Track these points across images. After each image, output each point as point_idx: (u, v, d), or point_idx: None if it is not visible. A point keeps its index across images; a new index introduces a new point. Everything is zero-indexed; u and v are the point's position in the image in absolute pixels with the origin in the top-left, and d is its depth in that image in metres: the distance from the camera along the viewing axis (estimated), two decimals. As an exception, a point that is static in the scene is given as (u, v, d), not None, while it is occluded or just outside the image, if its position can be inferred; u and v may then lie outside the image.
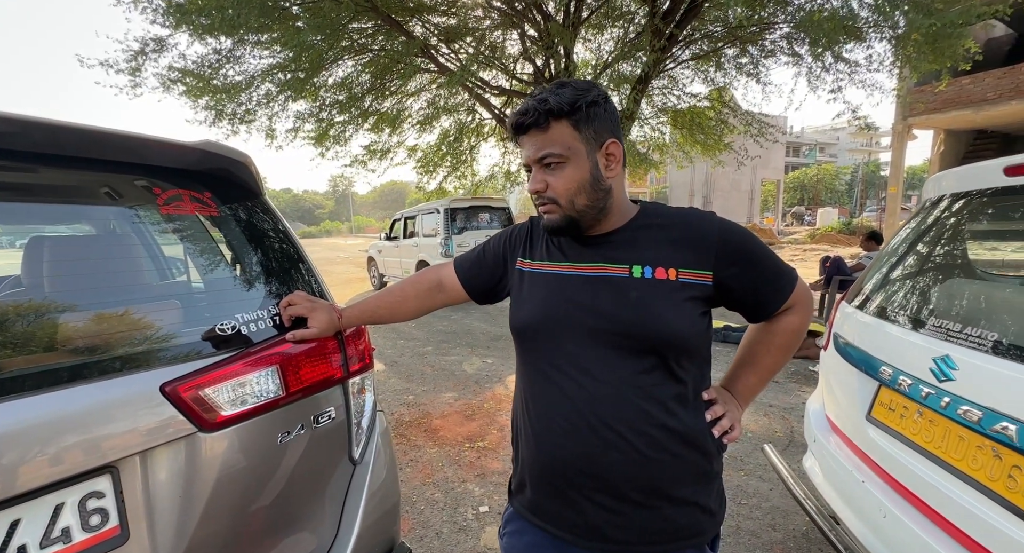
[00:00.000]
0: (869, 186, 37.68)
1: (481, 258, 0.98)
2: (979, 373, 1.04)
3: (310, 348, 1.01)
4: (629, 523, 0.75)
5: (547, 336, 0.80)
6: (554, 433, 0.77)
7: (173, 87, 6.93)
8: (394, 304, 1.04)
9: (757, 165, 9.17)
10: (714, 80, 8.05)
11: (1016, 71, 12.81)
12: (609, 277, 0.78)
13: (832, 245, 15.22)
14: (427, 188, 10.63)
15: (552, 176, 0.77)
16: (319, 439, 1.02)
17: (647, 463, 0.74)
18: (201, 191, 0.97)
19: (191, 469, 0.80)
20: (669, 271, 0.76)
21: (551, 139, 0.75)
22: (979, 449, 1.05)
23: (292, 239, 1.14)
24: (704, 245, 0.77)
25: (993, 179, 1.26)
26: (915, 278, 1.51)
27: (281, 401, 0.93)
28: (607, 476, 0.74)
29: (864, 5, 5.71)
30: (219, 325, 0.89)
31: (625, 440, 0.73)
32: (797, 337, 0.87)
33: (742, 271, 0.78)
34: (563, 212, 0.78)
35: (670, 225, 0.80)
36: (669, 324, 0.73)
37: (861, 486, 1.38)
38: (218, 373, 0.84)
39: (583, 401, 0.75)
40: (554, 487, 0.78)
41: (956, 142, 16.65)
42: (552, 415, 0.78)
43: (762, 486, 2.28)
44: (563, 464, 0.76)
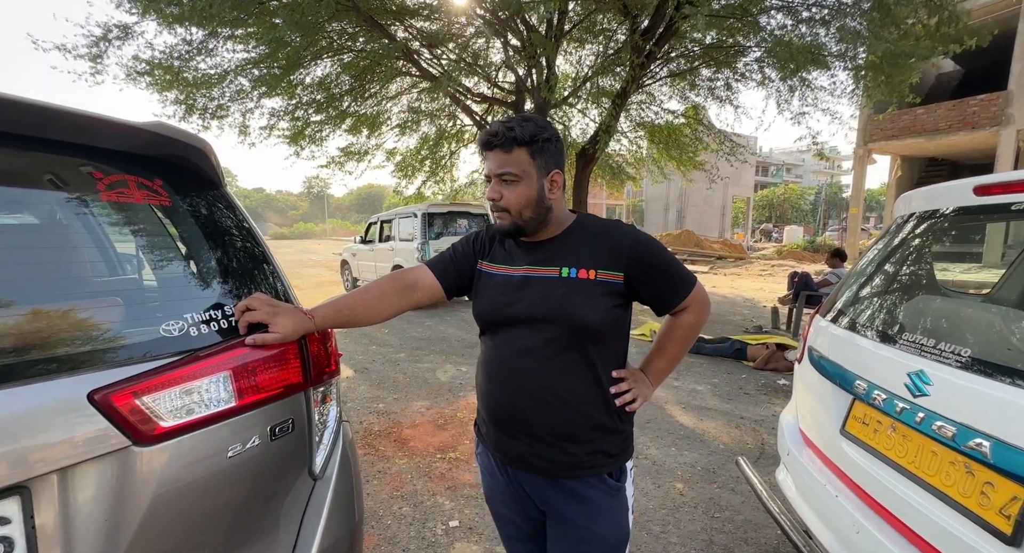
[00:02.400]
0: (831, 206, 39.46)
1: (454, 259, 1.12)
2: (954, 389, 1.04)
3: (268, 354, 0.92)
4: (545, 458, 0.98)
5: (496, 322, 1.02)
6: (497, 391, 1.01)
7: (140, 79, 6.63)
8: (371, 302, 1.04)
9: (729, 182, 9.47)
10: (689, 98, 8.28)
11: (963, 104, 13.74)
12: (543, 277, 0.98)
13: (798, 261, 15.79)
14: (405, 192, 10.50)
15: (507, 189, 0.96)
16: (276, 452, 0.93)
17: (557, 415, 0.97)
18: (151, 178, 0.89)
19: (122, 488, 0.70)
20: (590, 272, 0.96)
21: (511, 160, 0.95)
22: (952, 465, 1.05)
23: (255, 236, 1.06)
24: (618, 251, 0.97)
25: (963, 198, 1.29)
26: (888, 293, 1.53)
27: (233, 411, 0.84)
28: (529, 423, 0.98)
29: (830, 35, 6.00)
30: (164, 326, 0.80)
31: (543, 399, 0.96)
32: (692, 330, 1.09)
33: (647, 274, 0.98)
34: (512, 219, 0.98)
35: (595, 234, 1.01)
36: (585, 314, 0.94)
37: (835, 500, 1.38)
38: (159, 379, 0.75)
39: (517, 370, 0.98)
40: (496, 428, 1.03)
41: (911, 168, 17.67)
42: (496, 378, 1.01)
43: (734, 499, 2.28)
44: (502, 413, 1.01)
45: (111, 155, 0.84)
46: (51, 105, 0.74)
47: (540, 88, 6.72)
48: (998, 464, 0.92)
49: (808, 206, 40.79)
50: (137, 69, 6.46)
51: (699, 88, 7.92)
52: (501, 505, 1.13)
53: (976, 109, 13.49)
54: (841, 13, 5.67)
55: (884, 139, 15.17)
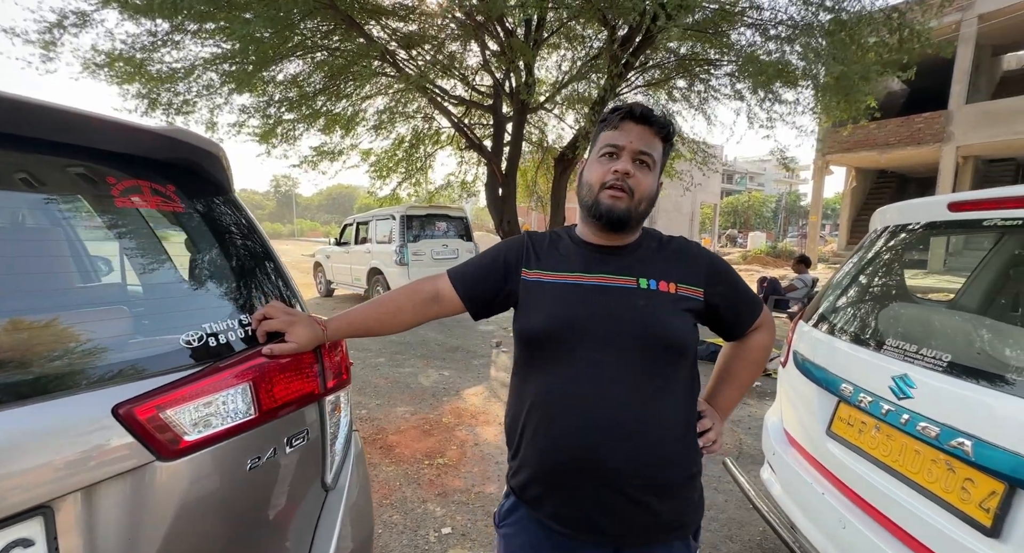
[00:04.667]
0: (791, 214, 41.37)
1: (481, 272, 0.96)
2: (937, 392, 1.12)
3: (285, 363, 0.90)
4: (625, 520, 0.80)
5: (561, 341, 0.84)
6: (567, 433, 0.81)
7: (99, 71, 6.27)
8: (387, 315, 0.96)
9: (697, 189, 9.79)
10: (665, 108, 8.52)
11: (910, 121, 14.72)
12: (619, 287, 0.85)
13: (763, 266, 16.46)
14: (379, 193, 10.33)
15: (639, 172, 0.85)
16: (291, 464, 0.91)
17: (648, 465, 0.79)
18: (164, 183, 0.85)
19: (145, 505, 0.68)
20: (670, 285, 0.86)
21: (655, 145, 0.87)
22: (934, 463, 1.13)
23: (265, 243, 1.04)
24: (696, 266, 0.90)
25: (937, 214, 1.39)
26: (867, 300, 1.63)
27: (253, 422, 0.82)
28: (612, 476, 0.79)
29: (794, 53, 6.33)
30: (183, 336, 0.77)
31: (632, 442, 0.79)
32: (766, 352, 1.01)
33: (725, 291, 0.91)
34: (629, 204, 0.85)
35: (667, 247, 0.93)
36: (672, 329, 0.83)
37: (820, 498, 1.45)
38: (182, 392, 0.72)
39: (597, 403, 0.80)
40: (561, 484, 0.82)
41: (864, 179, 18.77)
42: (565, 417, 0.81)
43: (718, 498, 2.35)
44: (573, 462, 0.80)
45: (124, 159, 0.80)
46: (65, 107, 0.71)
47: (519, 92, 6.77)
48: (979, 461, 1.00)
49: (770, 213, 42.60)
50: (96, 61, 6.12)
51: (675, 98, 8.17)
52: None
53: (921, 126, 14.49)
54: (804, 33, 5.99)
55: (840, 151, 16.08)
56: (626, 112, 0.86)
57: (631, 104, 0.87)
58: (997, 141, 13.18)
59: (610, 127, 0.87)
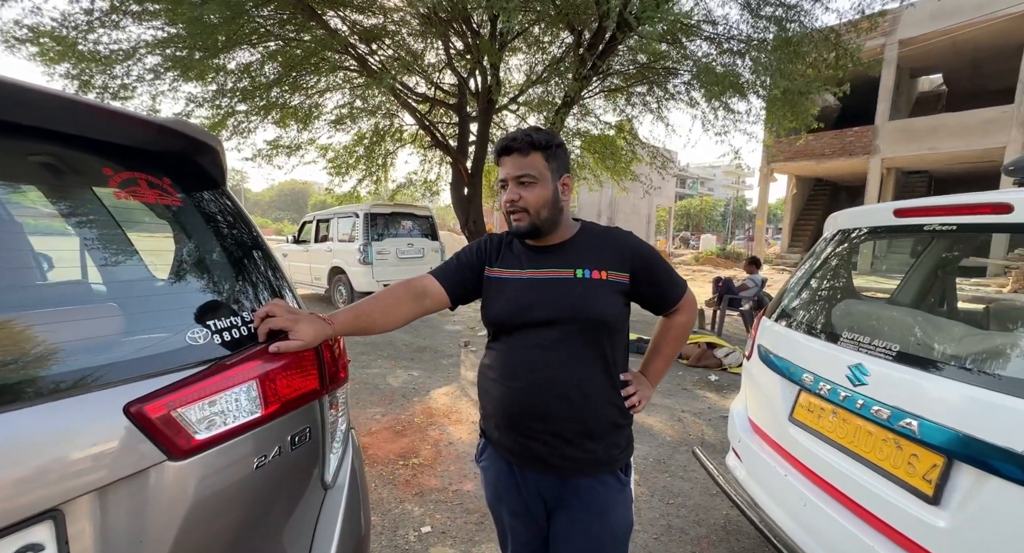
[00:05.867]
0: (738, 218, 43.76)
1: (460, 268, 1.14)
2: (887, 378, 1.26)
3: (288, 360, 0.89)
4: (564, 456, 1.01)
5: (514, 324, 1.04)
6: (517, 389, 1.02)
7: (20, 47, 5.71)
8: (388, 308, 1.04)
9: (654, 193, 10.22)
10: (625, 112, 8.81)
11: (843, 134, 15.99)
12: (559, 279, 1.04)
13: (715, 267, 17.33)
14: (337, 191, 10.00)
15: (525, 191, 1.02)
16: (294, 462, 0.90)
17: (579, 411, 1.01)
18: (160, 176, 0.82)
19: (156, 507, 0.65)
20: (602, 272, 1.03)
21: (529, 163, 1.02)
22: (884, 442, 1.26)
23: (259, 238, 1.01)
24: (624, 253, 1.06)
25: (884, 219, 1.55)
26: (826, 297, 1.79)
27: (260, 420, 0.80)
28: (553, 420, 1.00)
29: (745, 67, 6.75)
30: (190, 333, 0.74)
31: (567, 395, 1.00)
32: (686, 331, 1.20)
33: (648, 274, 1.07)
34: (530, 220, 1.03)
35: (600, 238, 1.09)
36: (602, 309, 1.01)
37: (783, 479, 1.58)
38: (191, 390, 0.70)
39: (540, 367, 1.01)
40: (514, 429, 1.04)
41: (804, 186, 20.19)
42: (516, 379, 1.03)
43: (684, 486, 2.48)
44: (523, 411, 1.02)
45: (119, 150, 0.76)
46: (61, 94, 0.67)
47: (490, 91, 6.78)
48: (923, 438, 1.13)
49: (719, 217, 44.87)
50: (16, 35, 5.56)
51: (634, 103, 8.45)
52: (509, 513, 1.12)
53: (852, 139, 15.77)
54: (754, 47, 6.39)
55: (783, 160, 17.22)
56: (498, 150, 1.05)
57: (499, 141, 1.04)
58: (914, 155, 14.58)
59: (498, 165, 1.06)
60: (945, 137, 13.68)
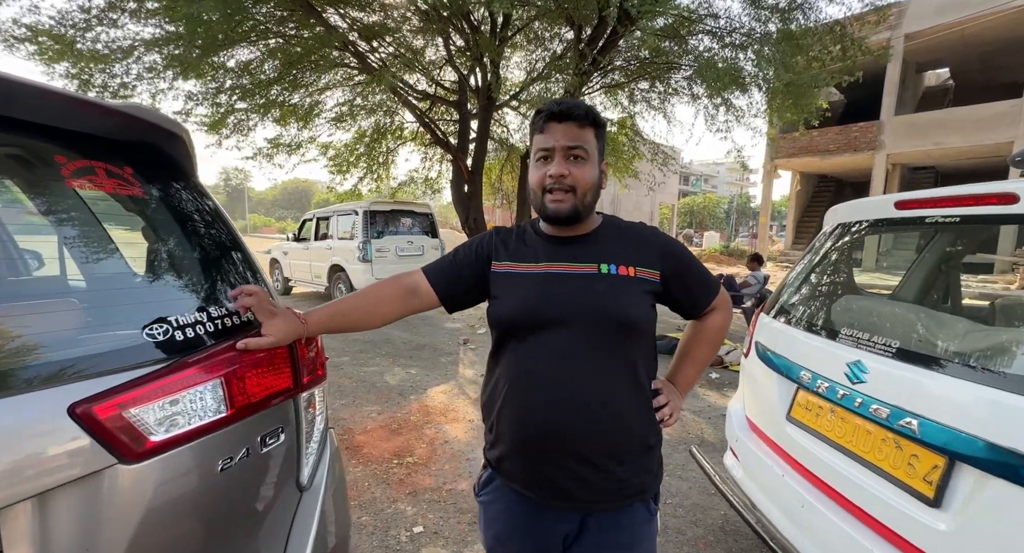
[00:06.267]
0: (741, 215, 43.51)
1: (455, 266, 1.00)
2: (887, 376, 1.21)
3: (259, 357, 0.86)
4: (590, 486, 0.86)
5: (528, 326, 0.89)
6: (535, 409, 0.87)
7: (19, 46, 5.71)
8: (369, 307, 0.95)
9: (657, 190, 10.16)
10: (626, 108, 8.74)
11: (848, 130, 15.83)
12: (581, 274, 0.90)
13: (717, 264, 17.23)
14: (339, 189, 9.99)
15: (576, 167, 0.87)
16: (265, 464, 0.87)
17: (608, 431, 0.86)
18: (121, 165, 0.78)
19: (105, 512, 0.62)
20: (629, 269, 0.90)
21: (585, 137, 0.88)
22: (884, 442, 1.22)
23: (231, 230, 0.98)
24: (653, 249, 0.94)
25: (885, 211, 1.50)
26: (825, 293, 1.74)
27: (225, 420, 0.77)
28: (578, 446, 0.85)
29: (747, 60, 6.66)
30: (148, 329, 0.71)
31: (593, 413, 0.85)
32: (721, 333, 1.06)
33: (680, 273, 0.95)
34: (574, 203, 0.88)
35: (627, 233, 0.97)
36: (628, 309, 0.87)
37: (781, 480, 1.54)
38: (147, 388, 0.66)
39: (563, 378, 0.86)
40: (531, 457, 0.88)
41: (808, 183, 20.02)
42: (532, 394, 0.87)
43: (682, 485, 2.44)
44: (542, 435, 0.86)
45: (76, 138, 0.73)
46: (13, 77, 0.64)
47: (490, 88, 6.73)
48: (924, 438, 1.09)
49: (722, 214, 44.64)
50: (15, 34, 5.56)
51: (636, 100, 8.38)
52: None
53: (857, 134, 15.62)
54: (756, 41, 6.30)
55: (787, 156, 17.08)
56: (547, 114, 0.88)
57: (549, 104, 0.88)
58: (920, 150, 14.41)
59: (538, 131, 0.90)
60: (952, 132, 13.51)
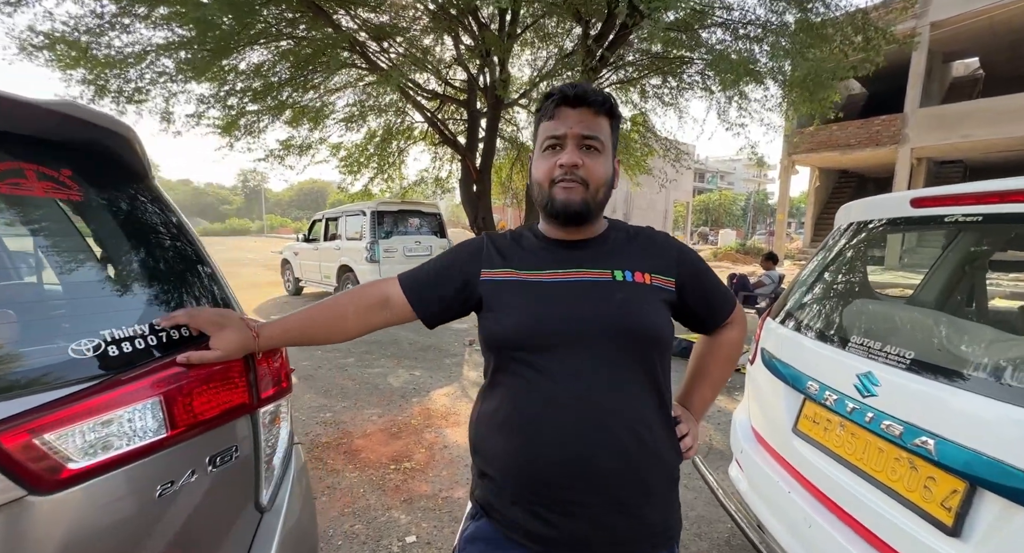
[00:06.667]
0: (759, 212, 42.66)
1: (433, 276, 0.88)
2: (900, 389, 1.11)
3: (211, 371, 0.80)
4: (612, 531, 0.74)
5: (538, 344, 0.76)
6: (547, 440, 0.74)
7: (37, 53, 5.83)
8: (330, 321, 0.85)
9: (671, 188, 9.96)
10: (638, 105, 8.58)
11: (869, 123, 15.34)
12: (594, 281, 0.79)
13: (733, 262, 16.90)
14: (350, 189, 10.05)
15: (589, 158, 0.78)
16: (217, 485, 0.82)
17: (637, 466, 0.74)
18: (57, 168, 0.74)
19: (15, 549, 0.57)
20: (645, 275, 0.81)
21: (600, 126, 0.78)
22: (897, 461, 1.11)
23: (188, 235, 0.93)
24: (667, 256, 0.85)
25: (900, 210, 1.39)
26: (832, 297, 1.63)
27: (164, 442, 0.72)
28: (602, 482, 0.73)
29: (763, 52, 6.46)
30: (74, 344, 0.66)
31: (622, 444, 0.73)
32: (738, 349, 0.97)
33: (696, 281, 0.86)
34: (585, 197, 0.78)
35: (637, 237, 0.88)
36: (652, 321, 0.77)
37: (787, 496, 1.44)
38: (67, 411, 0.62)
39: (585, 407, 0.73)
40: (543, 503, 0.74)
41: (827, 179, 19.49)
42: (544, 422, 0.74)
43: (687, 495, 2.35)
44: (565, 475, 0.73)
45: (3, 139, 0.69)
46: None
47: (496, 86, 6.67)
48: (941, 460, 0.99)
49: (739, 211, 43.83)
50: (33, 42, 5.68)
51: (648, 95, 8.22)
52: None
53: (879, 128, 15.11)
54: (772, 32, 6.10)
55: (805, 152, 16.63)
56: (559, 98, 0.78)
57: (562, 87, 0.78)
58: (947, 144, 13.87)
59: (547, 117, 0.80)
60: (981, 124, 12.96)
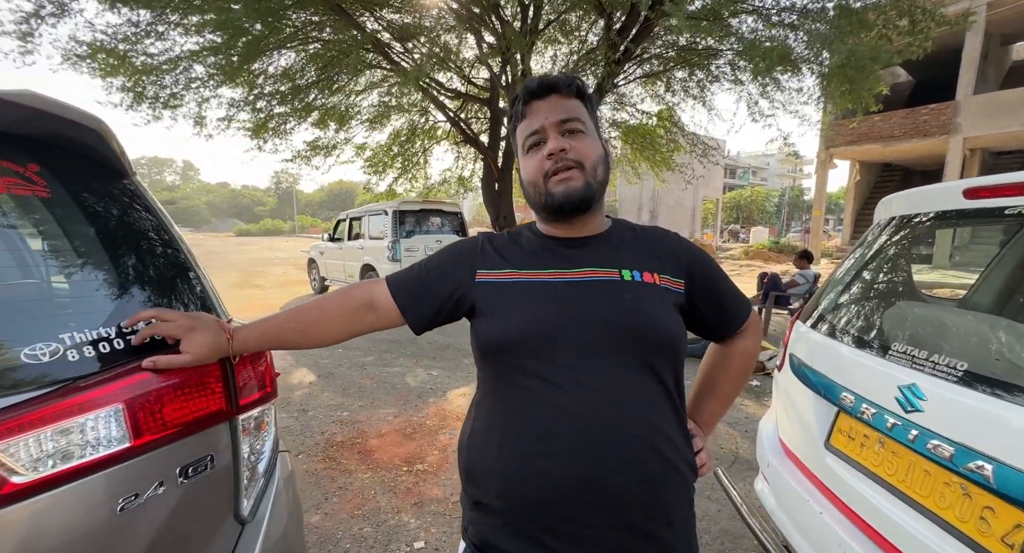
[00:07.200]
0: (794, 208, 41.02)
1: (424, 278, 0.82)
2: (951, 405, 0.97)
3: (183, 377, 0.76)
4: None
5: (537, 348, 0.70)
6: (559, 458, 0.66)
7: (81, 63, 6.12)
8: (309, 325, 0.80)
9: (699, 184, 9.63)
10: (664, 99, 8.33)
11: (915, 113, 14.45)
12: (601, 281, 0.73)
13: (764, 261, 16.25)
14: (375, 189, 10.18)
15: (575, 141, 0.73)
16: (190, 497, 0.78)
17: (658, 486, 0.67)
18: (23, 163, 0.71)
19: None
20: (654, 275, 0.75)
21: (574, 108, 0.75)
22: (946, 486, 0.98)
23: (169, 235, 0.89)
24: (676, 256, 0.79)
25: (951, 202, 1.24)
26: (870, 299, 1.48)
27: (126, 453, 0.68)
28: (620, 506, 0.65)
29: (799, 40, 6.12)
30: (28, 349, 0.63)
31: (640, 459, 0.66)
32: (752, 360, 0.90)
33: (710, 284, 0.81)
34: (586, 179, 0.73)
35: (644, 236, 0.82)
36: (665, 325, 0.71)
37: (818, 517, 1.31)
38: (14, 421, 0.58)
39: (598, 421, 0.66)
40: (552, 531, 0.66)
41: (868, 173, 18.51)
42: (555, 438, 0.66)
43: (711, 507, 2.22)
44: (577, 500, 0.65)
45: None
46: None
47: (518, 84, 6.59)
48: (1001, 489, 0.85)
49: (772, 208, 42.24)
50: (77, 52, 5.96)
51: (674, 89, 7.97)
52: None
53: (927, 118, 14.21)
54: (810, 18, 5.77)
55: (844, 144, 15.82)
56: (525, 95, 0.76)
57: (524, 84, 0.77)
58: (1005, 132, 12.90)
59: (520, 118, 0.77)
60: (1044, 110, 12.01)
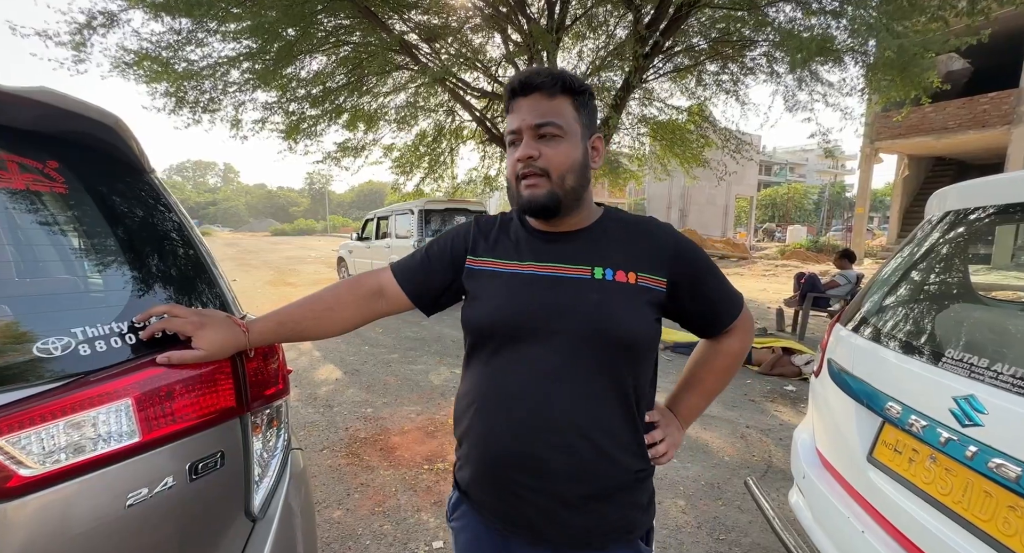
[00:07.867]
0: (835, 206, 39.17)
1: (426, 263, 0.89)
2: (1016, 420, 0.87)
3: (195, 373, 0.76)
4: (565, 524, 0.75)
5: (505, 336, 0.78)
6: (503, 433, 0.76)
7: (128, 70, 6.45)
8: (323, 312, 0.84)
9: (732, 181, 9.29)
10: (695, 94, 8.08)
11: (974, 103, 13.51)
12: (571, 278, 0.77)
13: (802, 261, 15.59)
14: (403, 189, 10.33)
15: (548, 147, 0.74)
16: (198, 494, 0.77)
17: (588, 467, 0.74)
18: (43, 159, 0.72)
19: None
20: (629, 274, 0.77)
21: (555, 109, 0.75)
22: (1011, 510, 0.88)
23: (186, 232, 0.90)
24: (660, 252, 0.79)
25: (1016, 194, 1.12)
26: (920, 301, 1.36)
27: (135, 448, 0.68)
28: (551, 477, 0.74)
29: (841, 27, 5.79)
30: (41, 343, 0.64)
31: (572, 446, 0.74)
32: (739, 360, 0.91)
33: (694, 283, 0.80)
34: (551, 187, 0.75)
35: (630, 230, 0.82)
36: (627, 325, 0.74)
37: (860, 537, 1.21)
38: (24, 414, 0.59)
39: (537, 401, 0.74)
40: (498, 484, 0.78)
41: (918, 167, 17.45)
42: (502, 415, 0.77)
43: (741, 518, 2.11)
44: (509, 463, 0.76)
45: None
46: None
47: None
48: (1078, 517, 0.76)
49: (811, 205, 40.49)
50: (125, 60, 6.29)
51: (705, 83, 7.72)
52: None
53: (987, 107, 13.26)
54: (852, 2, 5.44)
55: (891, 138, 14.96)
56: (510, 90, 0.77)
57: (512, 79, 0.76)
58: (1074, 122, 11.90)
59: (508, 112, 0.79)
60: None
